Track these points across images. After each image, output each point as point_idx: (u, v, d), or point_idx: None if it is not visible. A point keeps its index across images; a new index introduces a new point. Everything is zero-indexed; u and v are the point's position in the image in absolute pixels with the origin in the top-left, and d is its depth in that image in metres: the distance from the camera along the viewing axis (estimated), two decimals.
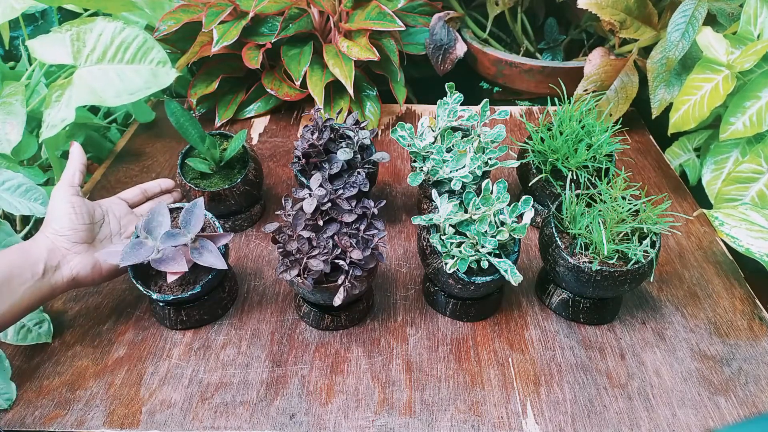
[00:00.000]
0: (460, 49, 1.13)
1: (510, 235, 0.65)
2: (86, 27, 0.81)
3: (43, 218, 0.93)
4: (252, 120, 1.12)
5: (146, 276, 0.68)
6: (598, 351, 0.69)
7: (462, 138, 0.81)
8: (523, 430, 0.61)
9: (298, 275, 0.61)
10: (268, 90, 1.06)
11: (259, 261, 0.81)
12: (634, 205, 0.66)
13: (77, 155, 0.72)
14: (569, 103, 0.81)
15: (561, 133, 0.77)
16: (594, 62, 0.99)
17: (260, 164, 0.85)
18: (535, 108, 1.16)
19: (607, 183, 0.69)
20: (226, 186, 0.79)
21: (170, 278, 0.64)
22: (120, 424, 0.61)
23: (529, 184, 0.81)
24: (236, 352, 0.69)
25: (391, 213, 0.90)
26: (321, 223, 0.63)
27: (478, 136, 0.79)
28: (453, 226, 0.66)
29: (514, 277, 0.63)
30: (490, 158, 0.77)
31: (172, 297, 0.65)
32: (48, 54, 0.80)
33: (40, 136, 0.79)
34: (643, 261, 0.63)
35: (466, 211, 0.66)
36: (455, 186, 0.74)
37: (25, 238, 0.96)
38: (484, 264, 0.65)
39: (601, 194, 0.68)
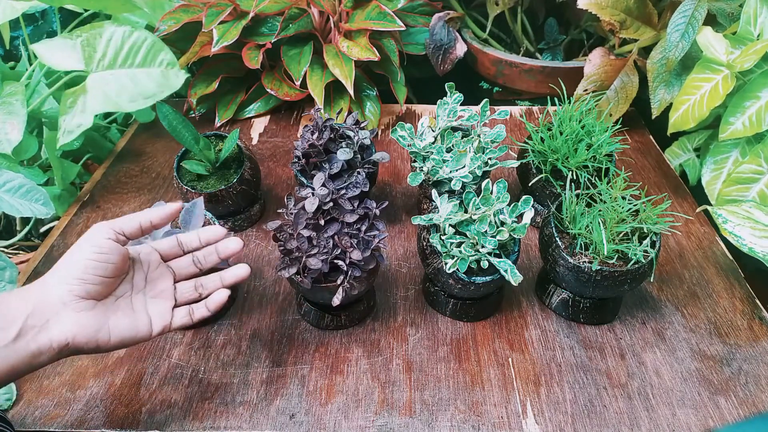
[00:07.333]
0: (460, 49, 1.13)
1: (510, 235, 0.65)
2: (95, 32, 0.80)
3: (44, 219, 0.92)
4: (252, 120, 1.12)
5: None
6: (598, 351, 0.69)
7: (462, 138, 0.81)
8: (523, 430, 0.61)
9: (297, 273, 0.61)
10: (268, 90, 1.06)
11: (259, 261, 0.81)
12: (634, 205, 0.66)
13: (167, 212, 0.56)
14: (569, 103, 0.81)
15: (561, 133, 0.77)
16: (594, 62, 0.99)
17: (257, 163, 0.85)
18: (535, 108, 1.16)
19: (607, 183, 0.69)
20: (223, 186, 0.79)
21: None
22: (120, 424, 0.61)
23: (529, 184, 0.81)
24: (236, 352, 0.69)
25: (391, 213, 0.90)
26: (322, 222, 0.63)
27: (478, 136, 0.79)
28: (453, 226, 0.66)
29: (514, 277, 0.63)
30: (490, 158, 0.77)
31: None
32: (58, 60, 0.80)
33: (57, 141, 0.79)
34: (643, 261, 0.63)
35: (466, 211, 0.66)
36: (455, 186, 0.74)
37: (25, 237, 0.96)
38: (484, 264, 0.65)
39: (601, 194, 0.68)
